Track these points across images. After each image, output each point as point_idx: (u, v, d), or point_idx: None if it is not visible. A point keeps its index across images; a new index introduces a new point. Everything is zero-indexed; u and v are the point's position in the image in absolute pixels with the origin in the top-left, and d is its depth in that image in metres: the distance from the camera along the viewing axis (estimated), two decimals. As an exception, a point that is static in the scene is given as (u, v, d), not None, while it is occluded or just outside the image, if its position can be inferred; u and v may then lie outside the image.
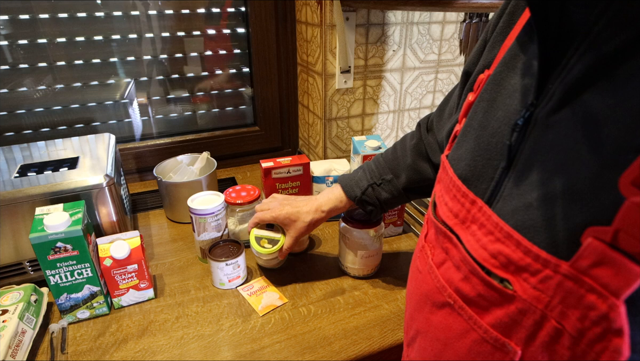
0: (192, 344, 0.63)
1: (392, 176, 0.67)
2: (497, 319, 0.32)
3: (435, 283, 0.38)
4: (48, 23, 0.96)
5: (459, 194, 0.37)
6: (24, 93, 1.01)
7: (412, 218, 0.98)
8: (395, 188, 0.67)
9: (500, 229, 0.31)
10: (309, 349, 0.62)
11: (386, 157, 0.69)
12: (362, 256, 0.75)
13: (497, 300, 0.31)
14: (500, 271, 0.31)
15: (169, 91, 1.15)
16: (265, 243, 0.72)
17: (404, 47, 1.07)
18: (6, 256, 0.70)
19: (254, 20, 1.11)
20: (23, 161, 0.78)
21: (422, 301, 0.41)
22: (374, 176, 0.68)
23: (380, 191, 0.67)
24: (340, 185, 0.70)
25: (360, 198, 0.67)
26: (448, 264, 0.37)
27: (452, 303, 0.36)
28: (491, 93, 0.37)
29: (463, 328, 0.35)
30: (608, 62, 0.26)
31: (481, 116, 0.37)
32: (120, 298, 0.70)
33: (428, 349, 0.40)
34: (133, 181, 1.16)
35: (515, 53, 0.36)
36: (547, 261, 0.27)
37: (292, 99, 1.25)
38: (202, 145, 1.19)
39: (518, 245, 0.29)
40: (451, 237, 0.37)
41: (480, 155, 0.36)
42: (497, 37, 0.41)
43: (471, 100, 0.40)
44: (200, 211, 0.75)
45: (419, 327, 0.42)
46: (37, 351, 0.62)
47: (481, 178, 0.35)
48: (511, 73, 0.35)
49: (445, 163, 0.41)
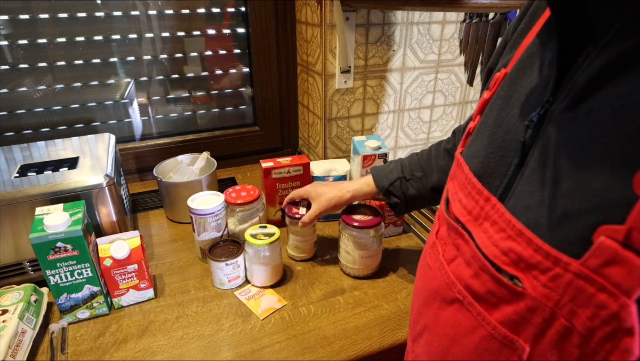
0: (192, 344, 0.63)
1: (423, 174, 0.68)
2: (505, 316, 0.32)
3: (445, 279, 0.38)
4: (48, 23, 0.96)
5: (473, 191, 0.37)
6: (24, 93, 1.01)
7: (412, 218, 0.98)
8: (423, 186, 0.68)
9: (512, 226, 0.31)
10: (309, 349, 0.62)
11: (421, 156, 0.71)
12: (362, 256, 0.75)
13: (506, 297, 0.31)
14: (510, 268, 0.31)
15: (169, 91, 1.15)
16: (261, 237, 0.72)
17: (404, 47, 1.07)
18: (6, 256, 0.70)
19: (254, 20, 1.11)
20: (23, 161, 0.78)
21: (431, 297, 0.41)
22: (405, 170, 0.70)
23: (408, 186, 0.69)
24: (372, 173, 0.72)
25: (387, 189, 0.69)
26: (459, 260, 0.37)
27: (461, 299, 0.36)
28: (507, 91, 0.37)
29: (472, 324, 0.35)
30: (627, 60, 0.26)
31: (496, 113, 0.38)
32: (120, 298, 0.70)
33: (435, 344, 0.40)
34: (133, 181, 1.16)
35: (533, 52, 0.36)
36: (558, 259, 0.27)
37: (292, 99, 1.25)
38: (202, 145, 1.19)
39: (529, 243, 0.29)
40: (463, 233, 0.37)
41: (493, 152, 0.36)
42: (517, 38, 0.42)
43: (486, 98, 0.40)
44: (200, 211, 0.75)
45: (426, 323, 0.42)
46: (37, 351, 0.62)
47: (494, 175, 0.35)
48: (528, 71, 0.36)
49: (460, 160, 0.41)
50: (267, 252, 0.72)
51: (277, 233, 0.74)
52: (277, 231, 0.74)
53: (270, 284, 0.75)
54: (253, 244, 0.72)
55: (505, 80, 0.39)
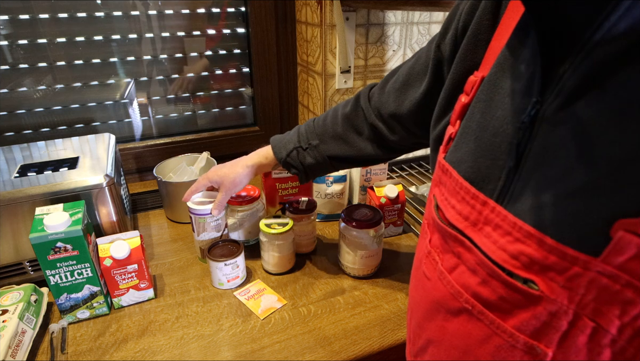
0: (192, 344, 0.63)
1: (319, 142, 0.66)
2: (522, 321, 0.30)
3: (449, 289, 0.37)
4: (48, 23, 0.96)
5: (467, 196, 0.36)
6: (24, 93, 1.01)
7: (412, 218, 0.98)
8: (320, 155, 0.66)
9: (519, 228, 0.30)
10: (309, 349, 0.63)
11: (317, 122, 0.69)
12: (362, 256, 0.75)
13: (521, 302, 0.30)
14: (522, 271, 0.30)
15: (169, 91, 1.15)
16: (275, 226, 0.76)
17: (404, 47, 1.07)
18: (6, 256, 0.70)
19: (254, 20, 1.11)
20: (23, 161, 0.78)
21: (433, 309, 0.40)
22: (302, 139, 0.68)
23: (305, 156, 0.67)
24: (271, 144, 0.71)
25: (285, 160, 0.68)
26: (461, 268, 0.36)
27: (470, 308, 0.35)
28: (488, 94, 0.37)
29: (484, 333, 0.34)
30: (625, 54, 0.26)
31: (479, 117, 0.37)
32: (120, 298, 0.70)
33: (443, 358, 0.39)
34: (133, 181, 1.16)
35: (510, 52, 0.35)
36: (576, 258, 0.27)
37: (292, 99, 1.25)
38: (202, 145, 1.19)
39: (541, 244, 0.29)
40: (463, 240, 0.35)
41: (482, 156, 0.35)
42: (479, 35, 0.41)
43: (465, 102, 0.40)
44: (200, 211, 0.75)
45: (431, 336, 0.41)
46: (37, 351, 0.62)
47: (487, 179, 0.35)
48: (507, 73, 0.35)
49: (445, 165, 0.40)
50: (281, 240, 0.75)
51: (290, 223, 0.77)
52: (290, 222, 0.77)
53: (283, 271, 0.79)
54: (268, 233, 0.75)
55: (483, 84, 0.38)
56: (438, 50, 0.48)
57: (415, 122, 0.57)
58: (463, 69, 0.43)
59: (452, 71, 0.45)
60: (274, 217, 0.80)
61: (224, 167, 0.74)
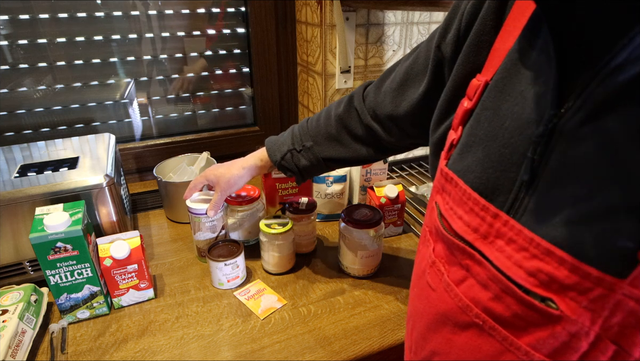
0: (192, 344, 0.63)
1: (313, 143, 0.66)
2: (538, 340, 0.29)
3: (457, 302, 0.36)
4: (48, 23, 0.96)
5: (477, 208, 0.34)
6: (24, 93, 1.01)
7: (412, 218, 0.98)
8: (314, 157, 0.66)
9: (537, 245, 0.29)
10: (309, 349, 0.63)
11: (311, 123, 0.68)
12: (362, 256, 0.75)
13: (537, 320, 0.29)
14: (541, 290, 0.29)
15: (169, 91, 1.15)
16: (275, 226, 0.76)
17: (404, 47, 1.07)
18: (6, 256, 0.70)
19: (254, 20, 1.11)
20: (23, 161, 0.78)
21: (439, 321, 0.38)
22: (295, 141, 0.67)
23: (299, 158, 0.66)
24: (266, 146, 0.70)
25: (279, 163, 0.68)
26: (470, 281, 0.35)
27: (480, 323, 0.33)
28: (494, 102, 0.35)
29: (496, 349, 0.32)
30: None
31: (487, 126, 0.35)
32: (120, 298, 0.70)
33: None
34: (133, 181, 1.16)
35: (517, 58, 0.34)
36: (600, 279, 0.26)
37: (292, 99, 1.25)
38: (202, 145, 1.19)
39: (562, 262, 0.27)
40: (473, 254, 0.34)
41: (492, 167, 0.34)
42: (482, 36, 0.39)
43: (468, 107, 0.38)
44: (196, 210, 0.75)
45: (436, 348, 0.39)
46: (37, 351, 0.62)
47: (497, 191, 0.33)
48: (514, 80, 0.34)
49: (450, 174, 0.38)
50: (281, 240, 0.75)
51: (290, 223, 0.77)
52: (290, 222, 0.78)
53: (283, 271, 0.79)
54: (268, 233, 0.75)
55: (489, 90, 0.36)
56: (438, 51, 0.46)
57: (412, 124, 0.56)
58: (465, 72, 0.41)
59: (453, 72, 0.43)
60: (274, 217, 0.80)
61: (221, 167, 0.74)
